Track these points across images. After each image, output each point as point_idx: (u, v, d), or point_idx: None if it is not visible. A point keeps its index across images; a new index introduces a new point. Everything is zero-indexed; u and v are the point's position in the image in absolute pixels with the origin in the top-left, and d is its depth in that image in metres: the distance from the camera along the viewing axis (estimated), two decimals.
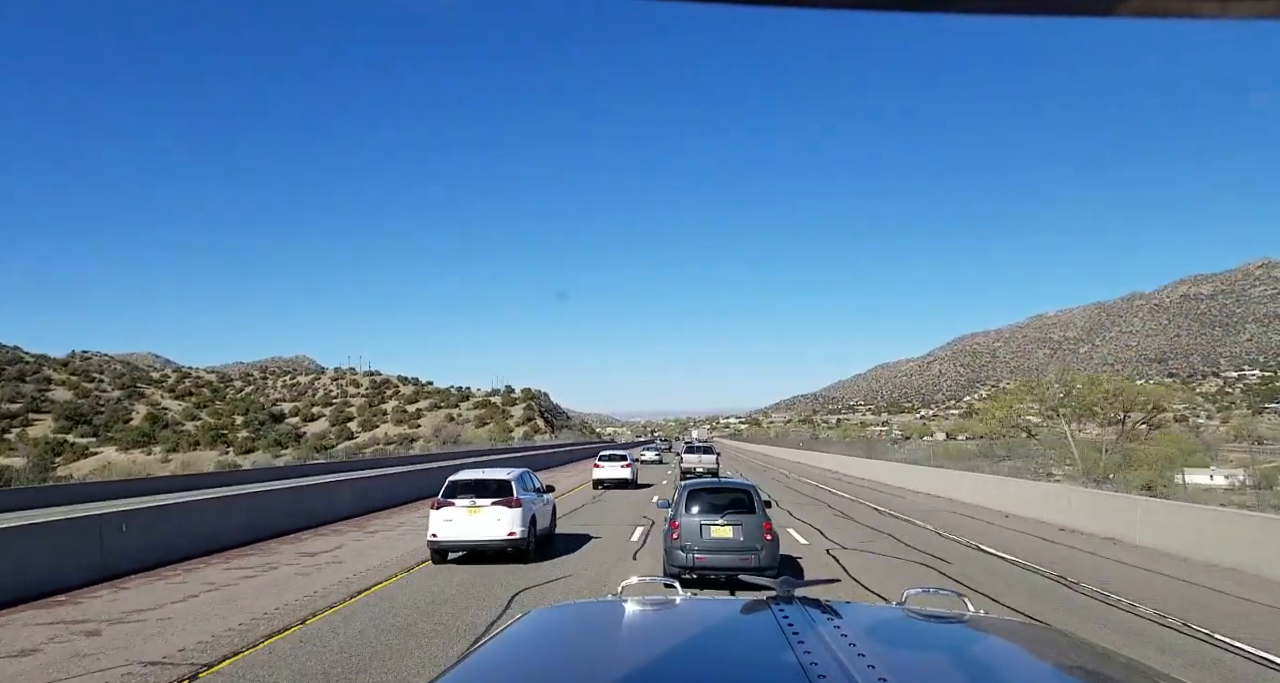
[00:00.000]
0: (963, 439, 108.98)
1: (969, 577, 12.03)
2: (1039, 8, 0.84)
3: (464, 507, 12.86)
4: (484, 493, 13.04)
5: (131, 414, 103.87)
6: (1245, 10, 0.79)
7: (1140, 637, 8.65)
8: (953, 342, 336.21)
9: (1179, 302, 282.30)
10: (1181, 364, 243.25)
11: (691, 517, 10.88)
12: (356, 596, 10.65)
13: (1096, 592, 11.07)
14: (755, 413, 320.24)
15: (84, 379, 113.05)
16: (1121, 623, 9.34)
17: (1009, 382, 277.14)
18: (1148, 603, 10.29)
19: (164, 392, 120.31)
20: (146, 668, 7.42)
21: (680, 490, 11.54)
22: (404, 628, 8.88)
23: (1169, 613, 9.73)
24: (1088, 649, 1.95)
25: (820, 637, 1.66)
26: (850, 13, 0.84)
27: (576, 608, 2.67)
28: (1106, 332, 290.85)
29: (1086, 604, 10.37)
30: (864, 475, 36.47)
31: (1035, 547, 15.39)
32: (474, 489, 13.16)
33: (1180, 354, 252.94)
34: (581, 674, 1.67)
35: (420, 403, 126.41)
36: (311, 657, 7.71)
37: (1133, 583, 11.72)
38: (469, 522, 12.76)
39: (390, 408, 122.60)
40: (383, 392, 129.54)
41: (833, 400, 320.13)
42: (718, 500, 11.22)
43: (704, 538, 10.71)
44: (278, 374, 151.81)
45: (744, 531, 10.75)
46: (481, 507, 12.81)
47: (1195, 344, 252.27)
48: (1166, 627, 9.15)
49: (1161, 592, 11.13)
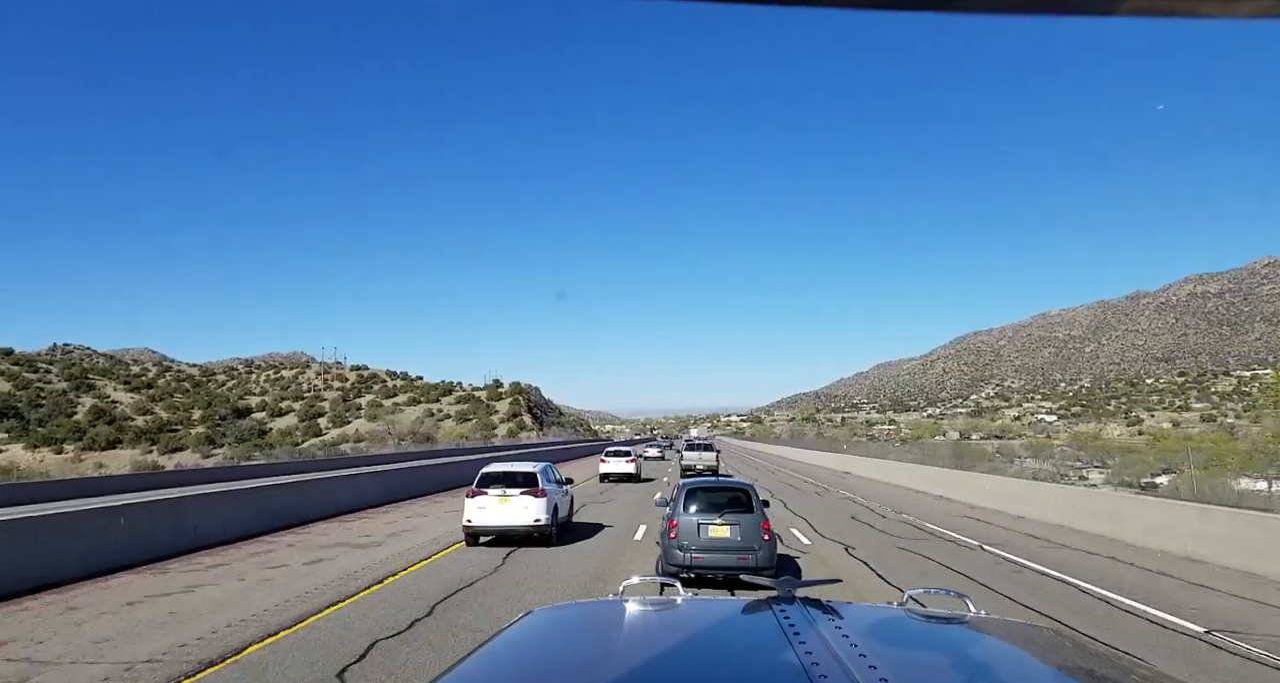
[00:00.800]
0: (976, 438, 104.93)
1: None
2: (1040, 7, 0.83)
3: (495, 496, 14.36)
4: (513, 484, 14.55)
5: (76, 408, 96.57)
6: (1248, 10, 0.79)
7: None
8: (955, 341, 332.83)
9: (1185, 300, 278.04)
10: (1190, 363, 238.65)
11: (689, 516, 10.72)
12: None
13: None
14: (757, 411, 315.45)
15: (26, 369, 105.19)
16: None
17: (1014, 381, 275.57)
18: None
19: (118, 384, 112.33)
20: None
21: (678, 489, 11.39)
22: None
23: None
24: (1088, 650, 1.94)
25: (821, 637, 1.65)
26: (854, 12, 0.84)
27: (577, 608, 2.62)
28: (1112, 330, 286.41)
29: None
30: (916, 486, 31.42)
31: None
32: (504, 480, 14.67)
33: (1188, 353, 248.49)
34: (582, 674, 1.66)
35: (399, 398, 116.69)
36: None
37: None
38: (500, 509, 14.29)
39: (365, 403, 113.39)
40: (363, 387, 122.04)
41: (834, 399, 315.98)
42: (716, 499, 11.10)
43: (701, 537, 10.58)
44: (263, 369, 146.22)
45: (742, 530, 10.62)
46: (511, 496, 14.33)
47: (1203, 343, 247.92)
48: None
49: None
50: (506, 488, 14.43)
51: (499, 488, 14.45)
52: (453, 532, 15.98)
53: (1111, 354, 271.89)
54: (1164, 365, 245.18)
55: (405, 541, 15.48)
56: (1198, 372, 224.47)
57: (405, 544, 14.91)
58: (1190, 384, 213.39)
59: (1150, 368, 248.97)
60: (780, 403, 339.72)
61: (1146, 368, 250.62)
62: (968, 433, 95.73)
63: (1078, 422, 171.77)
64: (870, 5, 0.81)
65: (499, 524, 14.28)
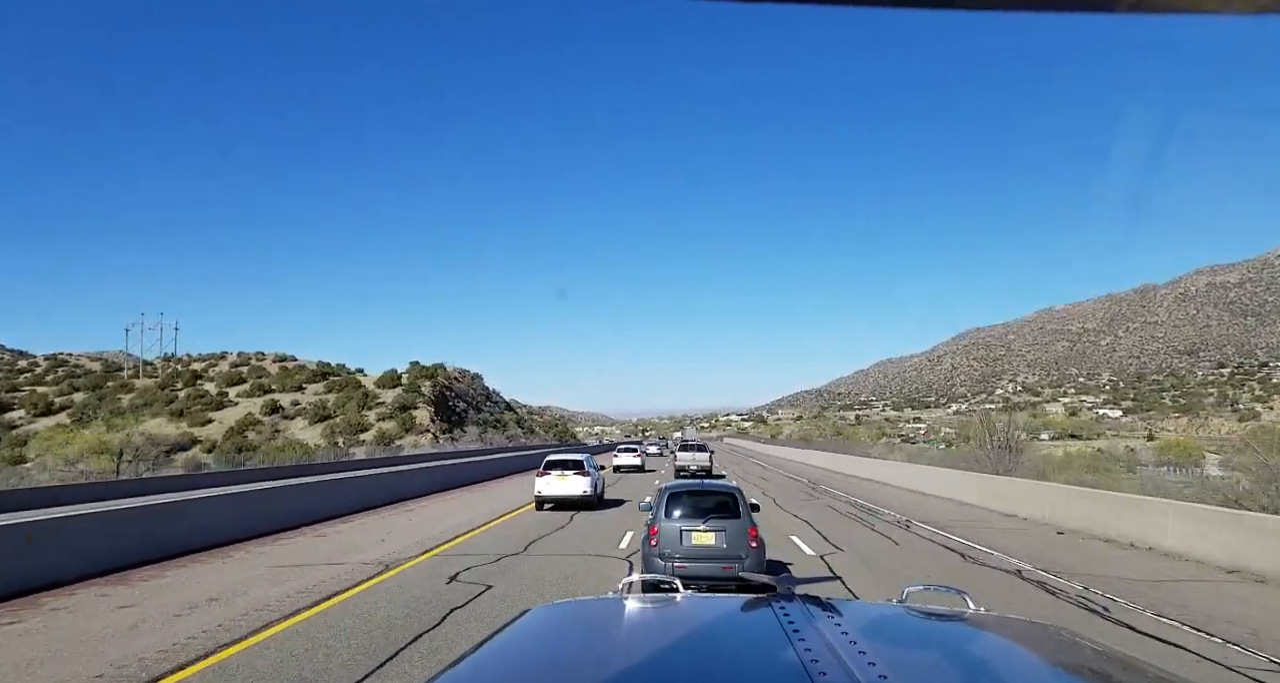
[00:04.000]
0: (1048, 438, 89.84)
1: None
2: (1042, 5, 0.83)
3: (556, 475, 21.32)
4: (567, 468, 21.53)
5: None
6: (1248, 6, 0.79)
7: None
8: (961, 336, 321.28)
9: (1205, 291, 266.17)
10: (1215, 355, 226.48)
11: (671, 522, 10.05)
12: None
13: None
14: (757, 410, 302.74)
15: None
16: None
17: (1028, 375, 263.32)
18: None
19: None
20: None
21: (660, 493, 10.72)
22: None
23: None
24: (1088, 648, 1.93)
25: (821, 634, 1.65)
26: (858, 10, 0.84)
27: (577, 606, 2.60)
28: (1129, 322, 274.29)
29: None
30: (1072, 522, 18.85)
31: None
32: (561, 466, 21.67)
33: (1212, 345, 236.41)
34: (582, 672, 1.65)
35: (241, 386, 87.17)
36: None
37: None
38: (559, 484, 21.17)
39: (185, 395, 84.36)
40: (193, 375, 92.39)
41: (838, 397, 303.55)
42: (700, 504, 10.32)
43: (684, 545, 9.90)
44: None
45: (727, 537, 9.90)
46: (567, 475, 21.27)
47: (1228, 335, 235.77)
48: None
49: None
50: (564, 470, 21.43)
51: (559, 470, 21.43)
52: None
53: (1130, 347, 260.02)
54: (1187, 359, 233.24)
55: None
56: (1236, 363, 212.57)
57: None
58: (1240, 376, 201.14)
59: (1171, 361, 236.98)
60: (782, 402, 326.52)
61: (1168, 361, 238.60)
62: (1035, 432, 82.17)
63: (1148, 418, 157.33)
64: (872, 4, 0.81)
65: (559, 494, 21.18)
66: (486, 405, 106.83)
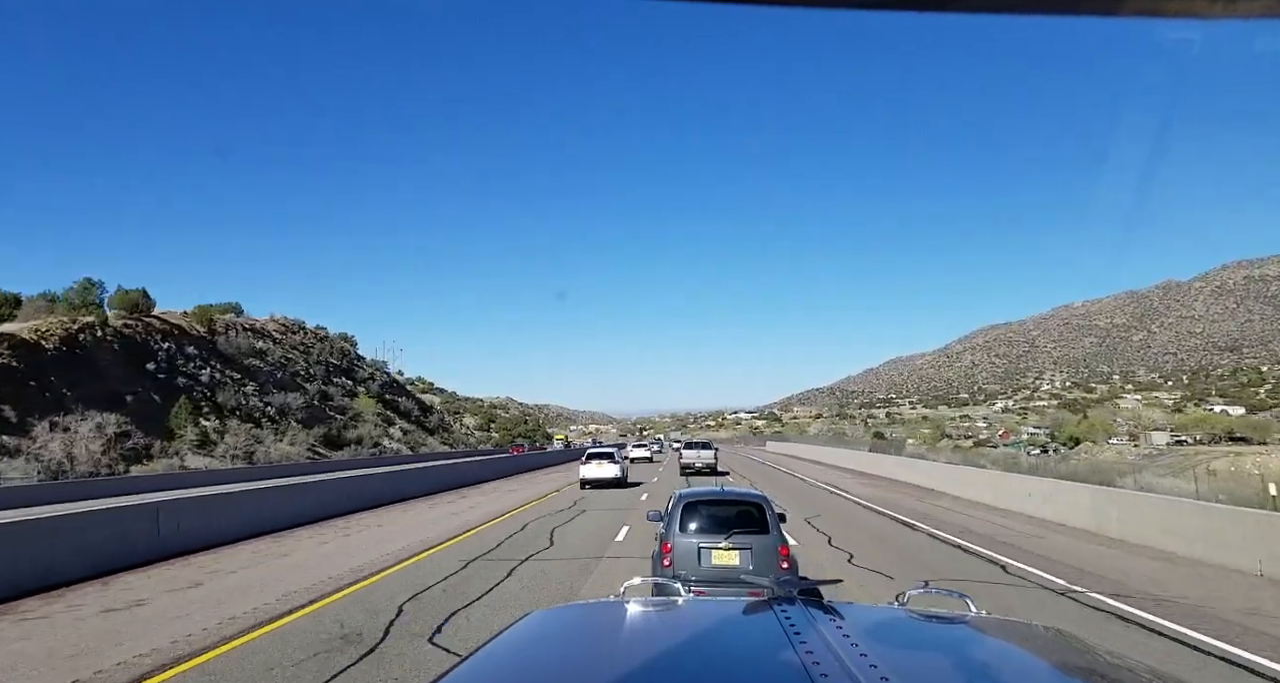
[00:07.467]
0: (1165, 444, 72.64)
1: None
2: (1042, 7, 0.82)
3: (595, 463, 29.64)
4: (603, 457, 30.05)
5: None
6: (1250, 10, 0.77)
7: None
8: (978, 332, 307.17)
9: (1243, 284, 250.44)
10: (1260, 352, 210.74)
11: (687, 537, 8.05)
12: None
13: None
14: (767, 408, 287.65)
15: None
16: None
17: (1053, 372, 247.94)
18: None
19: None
20: None
21: (674, 502, 8.55)
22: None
23: None
24: (1089, 650, 1.91)
25: (822, 636, 1.64)
26: (865, 12, 0.83)
27: (578, 609, 2.60)
28: (1163, 318, 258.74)
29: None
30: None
31: None
32: (598, 456, 30.21)
33: (1255, 341, 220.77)
34: (583, 675, 1.64)
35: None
36: None
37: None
38: (597, 469, 29.46)
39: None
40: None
41: (852, 394, 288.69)
42: (720, 515, 8.33)
43: (703, 566, 7.87)
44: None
45: (754, 556, 7.91)
46: (603, 462, 29.58)
47: (1272, 330, 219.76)
48: None
49: None
50: (600, 460, 29.75)
51: (596, 460, 29.77)
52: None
53: (1164, 343, 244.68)
54: (1229, 355, 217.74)
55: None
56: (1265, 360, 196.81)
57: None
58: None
59: (1212, 357, 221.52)
60: (793, 399, 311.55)
61: (1209, 357, 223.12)
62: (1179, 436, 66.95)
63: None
64: (875, 5, 0.79)
65: (597, 476, 29.23)
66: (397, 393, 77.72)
